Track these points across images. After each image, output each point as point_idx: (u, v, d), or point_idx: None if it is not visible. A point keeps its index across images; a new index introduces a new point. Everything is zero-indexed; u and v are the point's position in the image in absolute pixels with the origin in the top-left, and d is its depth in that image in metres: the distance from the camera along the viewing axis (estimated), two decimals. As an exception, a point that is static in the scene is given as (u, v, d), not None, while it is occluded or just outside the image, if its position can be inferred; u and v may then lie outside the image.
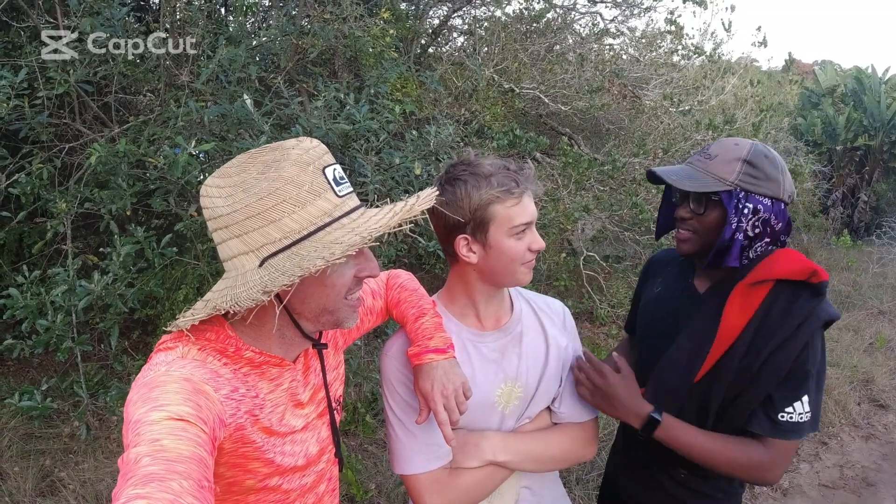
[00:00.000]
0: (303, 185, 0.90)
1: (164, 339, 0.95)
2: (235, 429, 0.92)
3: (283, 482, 1.03)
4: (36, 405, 2.23)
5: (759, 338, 1.36)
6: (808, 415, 1.36)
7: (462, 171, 1.27)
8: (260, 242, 0.90)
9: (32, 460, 3.09)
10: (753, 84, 6.99)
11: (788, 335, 1.34)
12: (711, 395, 1.41)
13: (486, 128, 4.80)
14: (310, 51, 3.60)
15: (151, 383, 0.83)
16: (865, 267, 7.84)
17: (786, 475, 3.51)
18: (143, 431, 0.74)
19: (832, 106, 10.87)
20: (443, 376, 1.20)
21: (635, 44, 6.67)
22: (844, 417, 4.15)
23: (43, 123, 2.55)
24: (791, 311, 1.35)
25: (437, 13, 5.98)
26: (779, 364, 1.35)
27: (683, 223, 1.47)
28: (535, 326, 1.46)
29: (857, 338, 5.47)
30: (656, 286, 1.67)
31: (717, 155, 1.42)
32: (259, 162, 0.92)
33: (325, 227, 0.90)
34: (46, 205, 2.61)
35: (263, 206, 0.89)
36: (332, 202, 0.92)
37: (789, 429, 1.36)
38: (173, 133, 2.64)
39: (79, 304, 2.22)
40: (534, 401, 1.41)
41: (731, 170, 1.39)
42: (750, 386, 1.38)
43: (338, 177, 0.95)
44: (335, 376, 1.21)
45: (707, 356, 1.41)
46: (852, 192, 10.35)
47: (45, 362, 3.76)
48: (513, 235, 1.28)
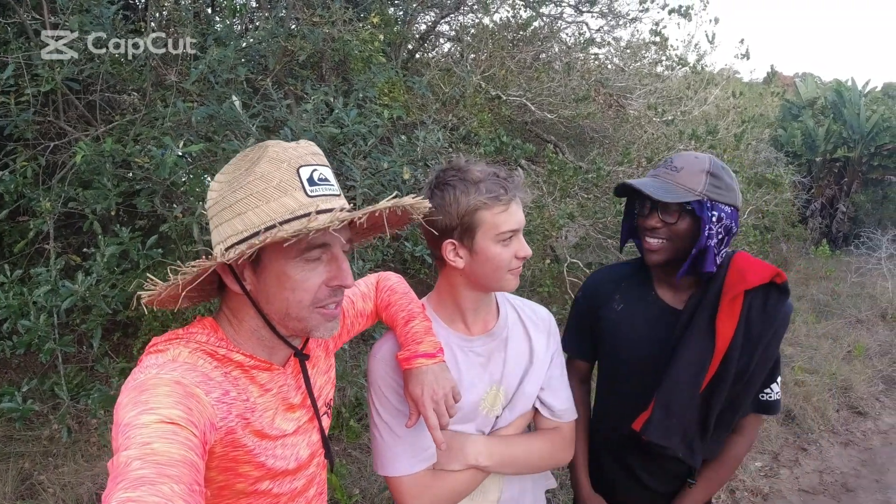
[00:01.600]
0: (271, 180, 0.92)
1: (155, 340, 0.95)
2: (226, 432, 0.91)
3: (273, 486, 1.03)
4: (17, 406, 2.19)
5: (748, 341, 1.47)
6: (779, 393, 1.59)
7: (452, 177, 1.29)
8: (227, 234, 0.93)
9: (11, 463, 3.04)
10: (736, 95, 7.09)
11: (771, 335, 1.48)
12: (714, 401, 1.49)
13: (472, 134, 4.82)
14: (298, 53, 3.59)
15: (142, 386, 0.82)
16: (844, 276, 7.97)
17: (766, 480, 3.56)
18: (134, 435, 0.74)
19: (812, 118, 11.06)
20: (433, 381, 1.20)
21: (620, 54, 6.73)
22: (823, 424, 4.22)
23: (28, 121, 2.52)
24: (768, 314, 1.47)
25: (425, 19, 6.00)
26: (768, 360, 1.51)
27: (653, 233, 1.51)
28: (520, 332, 1.48)
29: (835, 346, 5.56)
30: (615, 304, 1.68)
31: (683, 167, 1.47)
32: (247, 159, 0.95)
33: (284, 223, 0.90)
34: (30, 203, 2.58)
35: (234, 199, 0.92)
36: (299, 201, 0.92)
37: (771, 406, 1.58)
38: (160, 133, 2.62)
39: (62, 305, 2.19)
40: (512, 404, 1.44)
41: (698, 181, 1.46)
42: (747, 385, 1.50)
43: (316, 178, 0.95)
44: (326, 380, 1.22)
45: (709, 367, 1.48)
46: (831, 203, 10.52)
47: (24, 364, 3.71)
48: (499, 242, 1.29)
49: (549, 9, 6.16)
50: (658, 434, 1.50)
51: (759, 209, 6.57)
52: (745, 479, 3.54)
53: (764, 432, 4.06)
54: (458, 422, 1.37)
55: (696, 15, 6.16)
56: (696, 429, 1.51)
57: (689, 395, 1.49)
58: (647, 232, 1.52)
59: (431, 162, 3.21)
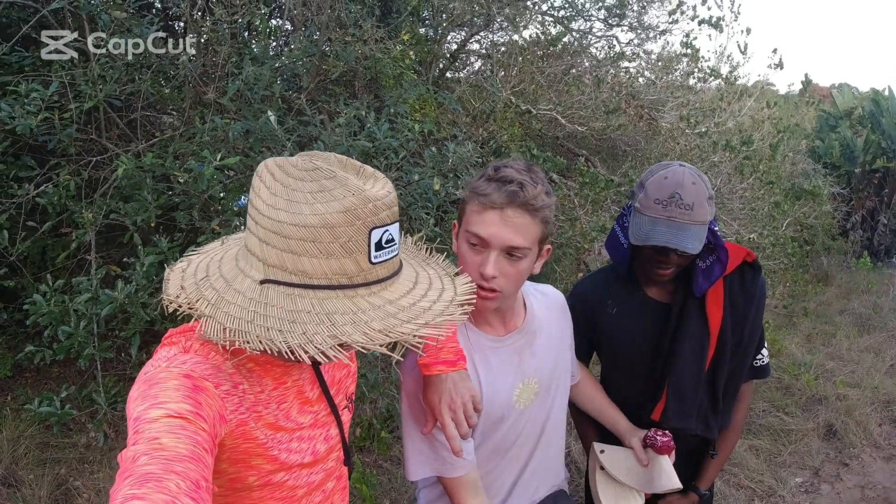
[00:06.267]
0: (339, 237, 0.84)
1: (171, 332, 0.95)
2: (237, 424, 0.91)
3: (288, 478, 1.02)
4: (55, 411, 2.25)
5: (736, 318, 1.64)
6: (767, 358, 1.77)
7: (494, 162, 1.27)
8: (273, 261, 0.86)
9: (48, 468, 3.11)
10: (770, 106, 6.98)
11: (754, 309, 1.65)
12: (718, 378, 1.66)
13: (503, 148, 4.84)
14: (331, 71, 3.66)
15: (152, 379, 0.83)
16: (886, 290, 7.72)
17: (806, 495, 3.46)
18: (142, 429, 0.75)
19: (850, 128, 10.80)
20: (451, 389, 1.18)
21: (651, 66, 6.70)
22: (865, 438, 4.08)
23: (71, 136, 2.62)
24: (747, 290, 1.64)
25: (455, 38, 6.06)
26: (755, 331, 1.68)
27: (668, 263, 1.56)
28: (544, 320, 1.48)
29: (877, 359, 5.38)
30: (608, 308, 1.75)
31: (694, 203, 1.48)
32: (318, 180, 0.85)
33: (335, 287, 0.85)
34: (72, 216, 2.67)
35: (292, 234, 0.83)
36: (360, 266, 0.86)
37: (763, 370, 1.76)
38: (198, 148, 2.69)
39: (102, 312, 2.25)
40: (544, 392, 1.45)
41: (707, 211, 1.50)
42: (744, 356, 1.69)
43: (384, 241, 0.88)
44: (345, 373, 1.20)
45: (709, 349, 1.64)
46: (872, 215, 10.22)
47: (63, 373, 3.80)
48: (466, 241, 1.25)
49: (578, 24, 6.18)
50: (677, 419, 1.65)
51: (799, 221, 6.43)
52: (785, 494, 3.43)
53: (805, 448, 3.95)
54: (492, 419, 1.35)
55: (727, 26, 6.08)
56: (708, 405, 1.68)
57: (697, 378, 1.64)
58: (660, 264, 1.56)
59: (462, 173, 3.23)
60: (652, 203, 1.50)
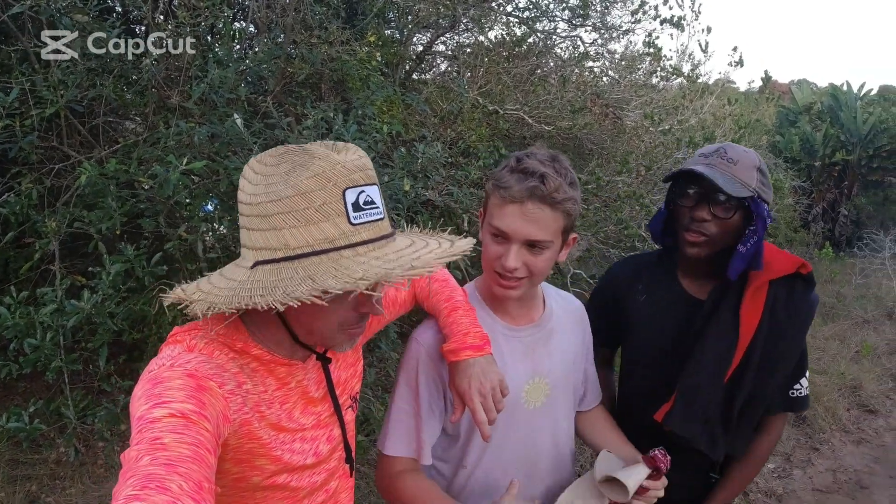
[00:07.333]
0: (313, 200, 0.85)
1: (176, 330, 0.95)
2: (241, 424, 0.91)
3: (291, 479, 1.02)
4: (24, 426, 2.20)
5: (773, 332, 1.45)
6: (808, 389, 1.54)
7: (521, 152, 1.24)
8: (259, 244, 0.88)
9: (19, 486, 3.03)
10: (731, 103, 7.14)
11: (797, 328, 1.46)
12: (739, 390, 1.47)
13: (471, 148, 4.86)
14: (297, 74, 3.64)
15: (156, 378, 0.83)
16: (848, 279, 7.96)
17: (779, 481, 3.54)
18: (146, 429, 0.75)
19: (809, 123, 11.09)
20: (480, 374, 1.16)
21: (615, 66, 6.80)
22: (835, 423, 4.20)
23: (32, 144, 2.55)
24: (793, 305, 1.45)
25: (421, 39, 6.07)
26: (793, 352, 1.48)
27: (700, 225, 1.43)
28: (563, 324, 1.45)
29: (843, 346, 5.55)
30: (638, 294, 1.64)
31: (739, 161, 1.40)
32: (290, 160, 0.87)
33: (319, 253, 0.86)
34: (35, 226, 2.60)
35: (271, 210, 0.86)
36: (341, 229, 0.87)
37: (800, 403, 1.55)
38: (163, 153, 2.65)
39: (68, 324, 2.20)
40: (554, 397, 1.41)
41: (751, 176, 1.40)
42: (771, 376, 1.48)
43: (362, 201, 0.88)
44: (351, 373, 1.19)
45: (733, 359, 1.45)
46: (832, 207, 10.51)
47: (30, 388, 3.71)
48: (490, 233, 1.24)
49: (542, 25, 6.24)
50: (680, 424, 1.48)
51: (761, 214, 6.56)
52: (759, 480, 3.51)
53: (775, 434, 4.04)
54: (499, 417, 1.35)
55: (688, 25, 6.21)
56: (720, 420, 1.49)
57: (713, 386, 1.47)
58: (692, 223, 1.44)
59: (432, 173, 3.23)
60: (696, 157, 1.46)
